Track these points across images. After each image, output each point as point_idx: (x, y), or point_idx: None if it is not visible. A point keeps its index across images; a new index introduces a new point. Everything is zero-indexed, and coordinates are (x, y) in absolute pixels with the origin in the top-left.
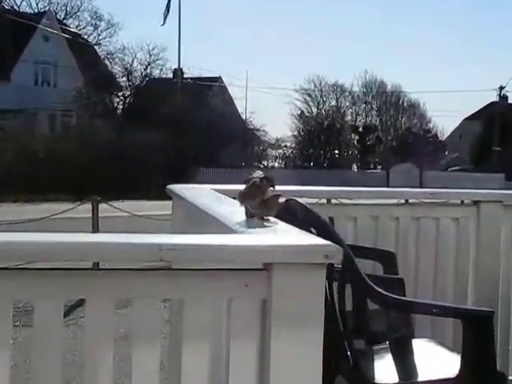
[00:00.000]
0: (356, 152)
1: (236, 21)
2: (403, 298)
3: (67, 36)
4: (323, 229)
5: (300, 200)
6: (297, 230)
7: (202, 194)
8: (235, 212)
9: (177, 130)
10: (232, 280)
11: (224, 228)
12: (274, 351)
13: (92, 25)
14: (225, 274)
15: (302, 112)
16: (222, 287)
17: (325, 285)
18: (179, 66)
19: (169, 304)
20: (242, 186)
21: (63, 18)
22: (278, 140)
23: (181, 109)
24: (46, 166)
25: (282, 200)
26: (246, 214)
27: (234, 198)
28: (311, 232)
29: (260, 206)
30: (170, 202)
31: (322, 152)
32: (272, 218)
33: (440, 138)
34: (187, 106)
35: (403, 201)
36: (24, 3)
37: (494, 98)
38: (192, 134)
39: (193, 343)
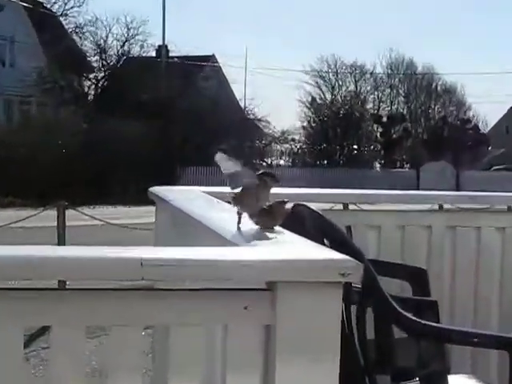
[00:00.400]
0: (379, 147)
1: None
2: (436, 324)
3: (26, 5)
4: (339, 240)
5: (310, 205)
6: (306, 241)
7: (192, 198)
8: (232, 219)
9: (161, 120)
10: (228, 302)
11: (219, 239)
12: None
13: None
14: (220, 295)
15: (314, 98)
16: (216, 310)
17: (341, 308)
18: (164, 43)
19: (152, 331)
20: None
21: None
22: (284, 133)
23: (166, 94)
24: (0, 164)
25: (288, 206)
26: (239, 222)
27: (229, 202)
28: (324, 244)
29: (262, 213)
30: (153, 208)
31: (337, 147)
32: (277, 228)
33: (482, 130)
34: (173, 92)
35: (436, 206)
36: None
37: None
38: (179, 125)
39: (181, 379)
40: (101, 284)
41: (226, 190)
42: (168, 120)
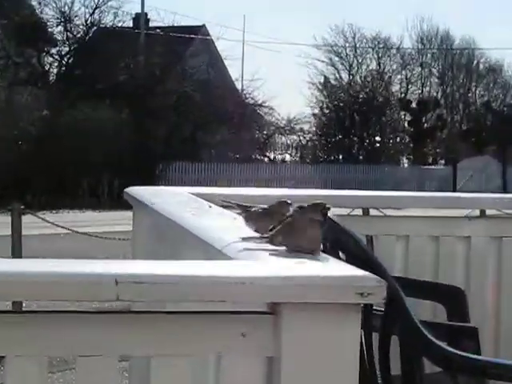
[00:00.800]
0: (407, 139)
1: None
2: (477, 356)
3: None
4: (357, 253)
5: None
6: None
7: (178, 202)
8: (227, 228)
9: (140, 106)
10: (222, 328)
11: (210, 251)
12: None
13: None
14: (211, 320)
15: (327, 79)
16: (207, 338)
17: (360, 337)
18: (143, 10)
19: (128, 364)
20: (237, 190)
21: None
22: (290, 121)
23: (145, 74)
24: None
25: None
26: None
27: (225, 207)
28: (339, 258)
29: (260, 216)
30: (130, 214)
31: (356, 139)
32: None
33: None
34: (155, 70)
35: (477, 212)
36: None
37: None
38: (162, 112)
39: None
40: (65, 306)
41: (220, 190)
42: (148, 106)
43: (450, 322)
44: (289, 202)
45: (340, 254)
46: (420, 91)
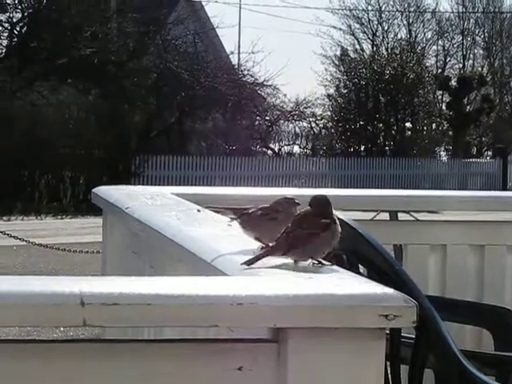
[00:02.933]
0: (445, 125)
1: None
2: None
3: None
4: (381, 266)
5: (339, 214)
6: (332, 267)
7: (159, 204)
8: (219, 236)
9: (111, 86)
10: (214, 360)
11: (198, 265)
12: None
13: None
14: (201, 350)
15: (345, 52)
16: (195, 373)
17: (384, 369)
18: None
19: None
20: (231, 190)
21: None
22: (299, 104)
23: (117, 45)
24: None
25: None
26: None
27: (218, 212)
28: (359, 272)
29: (261, 217)
30: (99, 220)
31: (381, 125)
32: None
33: None
34: (129, 42)
35: None
36: None
37: None
38: (139, 93)
39: None
40: (20, 334)
41: (209, 190)
42: (122, 86)
43: (497, 351)
44: (296, 201)
45: (360, 267)
46: (461, 65)
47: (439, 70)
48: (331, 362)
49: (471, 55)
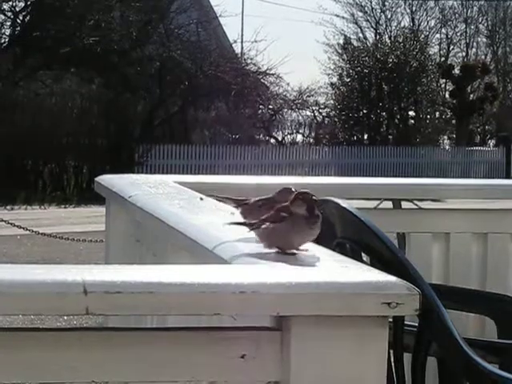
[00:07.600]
0: (449, 113)
1: None
2: None
3: None
4: (385, 254)
5: (342, 202)
6: (334, 255)
7: (162, 193)
8: (221, 224)
9: (114, 75)
10: (217, 348)
11: (201, 254)
12: None
13: None
14: (203, 338)
15: (348, 40)
16: (198, 361)
17: (387, 358)
18: None
19: None
20: (234, 178)
21: None
22: (302, 93)
23: (121, 36)
24: None
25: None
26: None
27: (220, 200)
28: (362, 260)
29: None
30: (102, 209)
31: (384, 114)
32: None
33: None
34: (132, 31)
35: None
36: None
37: None
38: (142, 82)
39: None
40: (21, 322)
41: (214, 179)
42: (125, 75)
43: (501, 339)
44: (294, 190)
45: (363, 255)
46: (464, 54)
47: (442, 59)
48: (334, 350)
49: (474, 43)
